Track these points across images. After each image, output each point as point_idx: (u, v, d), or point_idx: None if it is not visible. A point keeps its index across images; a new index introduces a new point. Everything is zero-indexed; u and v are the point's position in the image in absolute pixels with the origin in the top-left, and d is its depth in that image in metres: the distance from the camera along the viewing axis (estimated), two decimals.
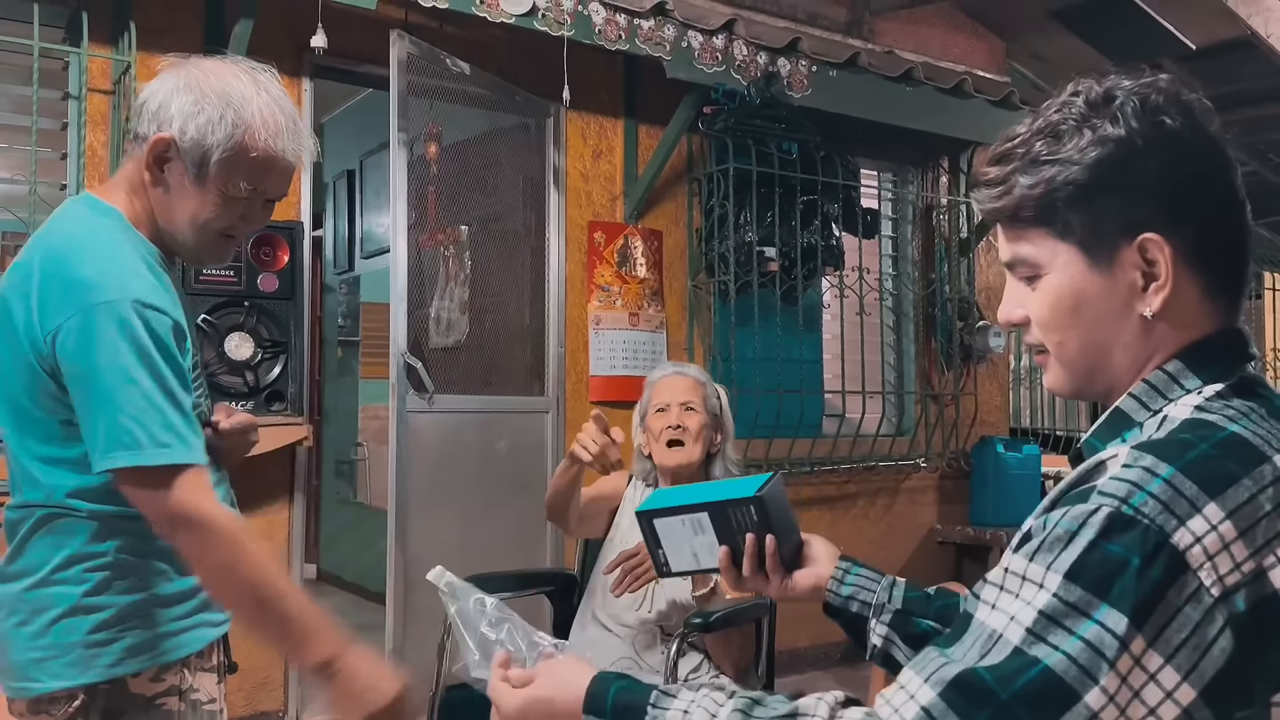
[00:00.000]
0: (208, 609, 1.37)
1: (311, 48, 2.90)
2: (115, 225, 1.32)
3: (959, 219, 4.74)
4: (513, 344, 3.70)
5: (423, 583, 3.41)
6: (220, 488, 1.46)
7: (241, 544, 1.26)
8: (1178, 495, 0.75)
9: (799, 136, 3.95)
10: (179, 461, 1.23)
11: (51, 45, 2.86)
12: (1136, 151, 0.83)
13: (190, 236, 1.35)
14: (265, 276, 3.07)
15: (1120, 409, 0.88)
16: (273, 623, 1.28)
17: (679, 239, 4.02)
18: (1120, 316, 0.86)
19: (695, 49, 3.52)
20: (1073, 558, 0.75)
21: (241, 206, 1.34)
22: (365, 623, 4.75)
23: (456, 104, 3.41)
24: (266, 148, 1.31)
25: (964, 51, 4.60)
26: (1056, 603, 0.75)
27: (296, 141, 1.35)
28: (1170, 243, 0.83)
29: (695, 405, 2.29)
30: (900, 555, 4.58)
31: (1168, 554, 0.74)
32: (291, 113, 1.35)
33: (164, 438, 1.23)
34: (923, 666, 0.79)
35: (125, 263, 1.28)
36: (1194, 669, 0.73)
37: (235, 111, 1.30)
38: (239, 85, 1.31)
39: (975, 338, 4.66)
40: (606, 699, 0.90)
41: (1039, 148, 0.87)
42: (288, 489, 3.24)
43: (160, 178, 1.32)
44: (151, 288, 1.27)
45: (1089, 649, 0.73)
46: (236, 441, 1.48)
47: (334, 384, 6.03)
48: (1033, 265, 0.89)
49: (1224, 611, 0.74)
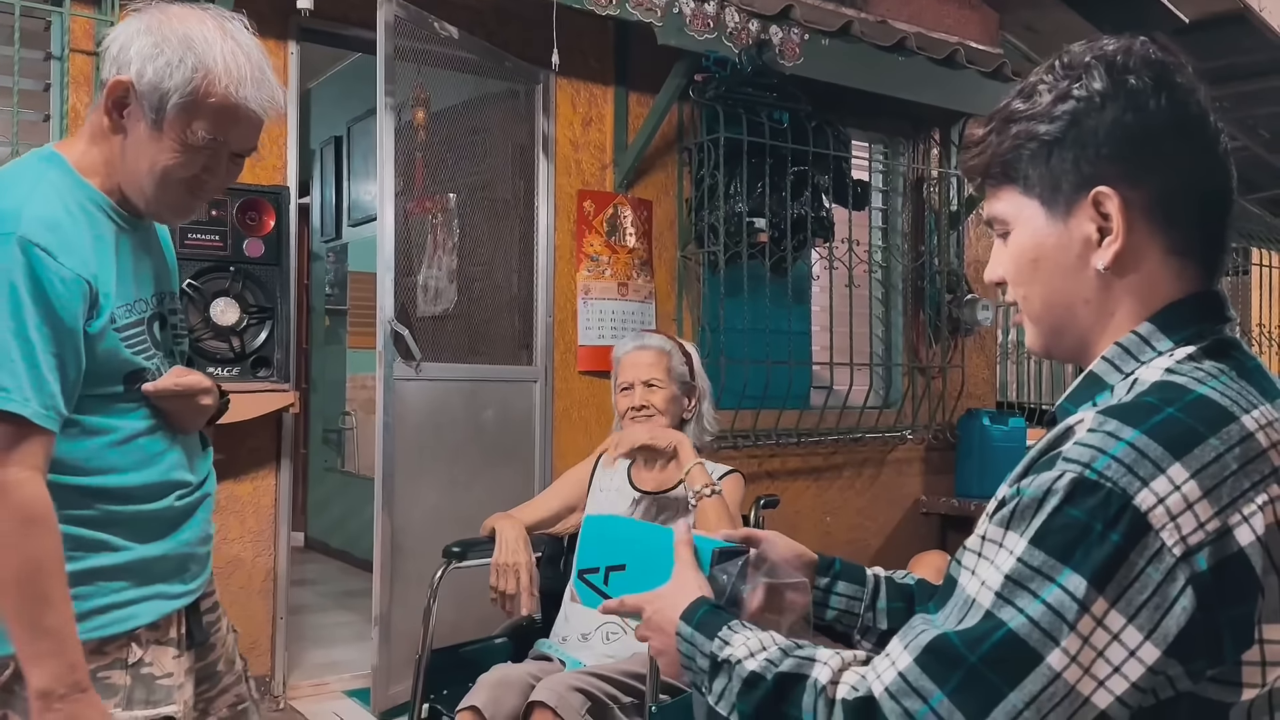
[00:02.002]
0: (164, 581, 1.33)
1: (298, 9, 2.86)
2: (47, 168, 1.27)
3: (949, 192, 4.73)
4: (501, 313, 3.69)
5: (409, 549, 3.44)
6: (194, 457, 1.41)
7: (24, 525, 1.17)
8: (1141, 457, 0.76)
9: (790, 106, 3.93)
10: (6, 409, 1.15)
11: (33, 4, 2.82)
12: (1095, 108, 0.85)
13: (150, 187, 1.28)
14: (251, 241, 3.05)
15: (1093, 372, 0.89)
16: (23, 622, 1.18)
17: (669, 209, 4.01)
18: (1077, 271, 0.88)
19: (686, 15, 3.49)
20: (1038, 524, 0.77)
21: (203, 157, 1.28)
22: (352, 589, 4.78)
23: (445, 69, 3.37)
24: (226, 94, 1.25)
25: (957, 22, 4.57)
26: (1022, 567, 0.77)
27: (262, 91, 1.28)
28: (1125, 197, 0.84)
29: (658, 380, 2.28)
30: (885, 526, 4.61)
31: (1130, 516, 0.75)
32: (260, 62, 1.29)
33: (3, 380, 1.15)
34: (906, 633, 0.83)
35: (33, 200, 1.21)
36: (1156, 628, 0.75)
37: (196, 55, 1.24)
38: (203, 30, 1.26)
39: (963, 311, 4.67)
40: (697, 612, 0.99)
41: (1014, 106, 0.90)
42: (274, 456, 3.24)
43: (119, 124, 1.27)
44: (45, 229, 1.19)
45: (1050, 612, 0.75)
46: (178, 405, 1.36)
47: (321, 353, 6.01)
48: (1003, 222, 0.92)
49: (1185, 571, 0.75)
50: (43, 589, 1.18)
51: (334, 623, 4.26)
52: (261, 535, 3.22)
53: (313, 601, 4.63)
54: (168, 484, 1.35)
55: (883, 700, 0.80)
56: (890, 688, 0.80)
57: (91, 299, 1.23)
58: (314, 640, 3.92)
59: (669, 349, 2.34)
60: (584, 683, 1.93)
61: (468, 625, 2.46)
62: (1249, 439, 0.78)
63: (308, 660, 3.63)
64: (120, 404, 1.31)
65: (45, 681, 1.18)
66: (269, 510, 3.23)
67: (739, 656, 0.91)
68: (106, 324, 1.26)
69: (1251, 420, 0.80)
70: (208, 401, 1.39)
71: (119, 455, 1.30)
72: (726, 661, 0.92)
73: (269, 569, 3.23)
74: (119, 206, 1.32)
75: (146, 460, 1.33)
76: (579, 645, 2.17)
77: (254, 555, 3.20)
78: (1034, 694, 0.75)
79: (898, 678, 0.79)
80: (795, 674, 0.87)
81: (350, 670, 3.52)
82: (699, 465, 2.12)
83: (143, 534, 1.32)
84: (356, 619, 4.20)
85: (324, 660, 3.67)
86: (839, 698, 0.83)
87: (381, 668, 3.04)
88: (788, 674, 0.87)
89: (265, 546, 3.23)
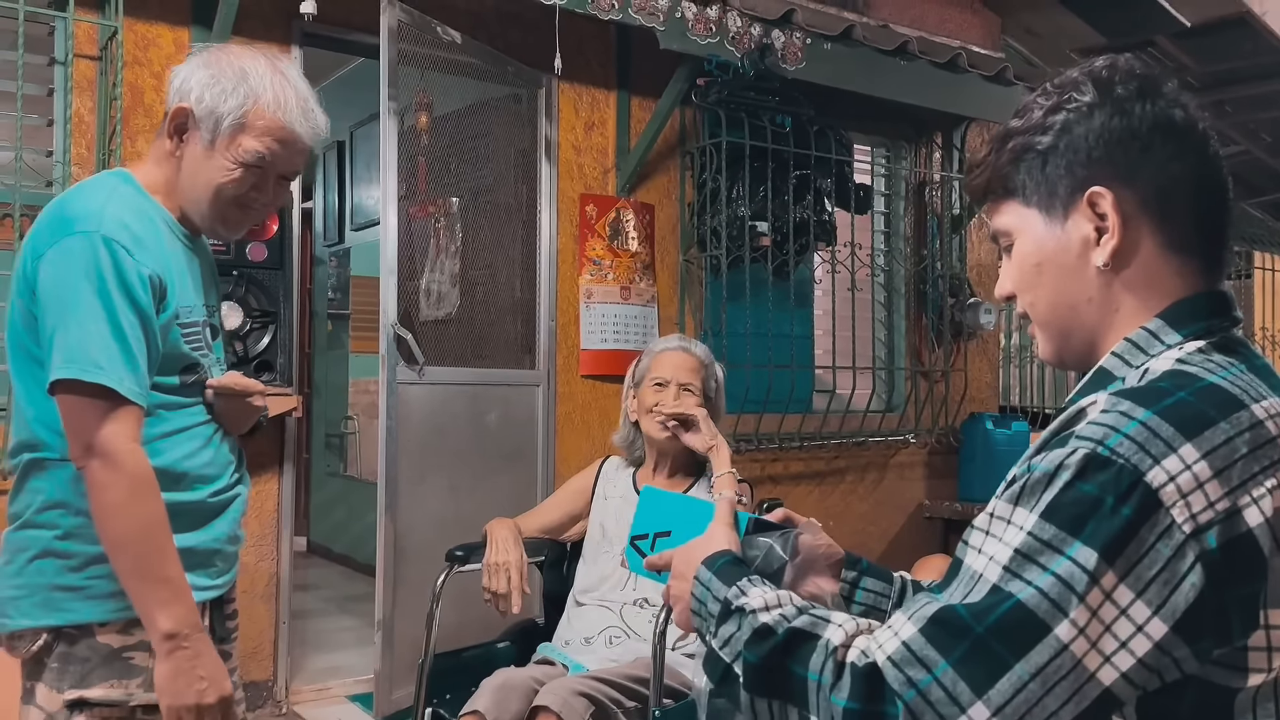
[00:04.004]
0: (192, 571, 1.38)
1: (301, 14, 2.87)
2: (119, 182, 1.42)
3: (951, 195, 4.73)
4: (503, 317, 3.69)
5: (412, 553, 3.43)
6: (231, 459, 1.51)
7: (140, 490, 1.30)
8: (1153, 436, 0.77)
9: (792, 110, 3.93)
10: (107, 384, 1.28)
11: (37, 9, 2.82)
12: (1084, 116, 0.89)
13: (205, 203, 1.43)
14: (254, 246, 3.05)
15: (1103, 367, 0.91)
16: (144, 576, 1.30)
17: (671, 213, 4.01)
18: (1078, 271, 0.90)
19: (689, 20, 3.49)
20: (1049, 498, 0.78)
21: (253, 176, 1.42)
22: (353, 594, 4.78)
23: (448, 74, 3.38)
24: (274, 118, 1.41)
25: (959, 26, 4.57)
26: (1031, 541, 0.78)
27: (306, 119, 1.44)
28: (1119, 195, 0.88)
29: (694, 387, 2.29)
30: (888, 530, 4.60)
31: (1141, 492, 0.76)
32: (306, 94, 1.45)
33: (101, 360, 1.28)
34: (910, 607, 0.83)
35: (110, 205, 1.35)
36: (1164, 603, 0.75)
37: (248, 85, 1.40)
38: (255, 65, 1.42)
39: (966, 314, 4.67)
40: (719, 561, 1.00)
41: (1010, 125, 0.94)
42: (277, 459, 3.24)
43: (179, 146, 1.42)
44: (124, 229, 1.33)
45: (1060, 583, 0.76)
46: (232, 405, 1.50)
47: (323, 357, 6.02)
48: (1006, 234, 0.96)
49: (1195, 548, 0.75)
50: (160, 542, 1.31)
51: (336, 628, 4.26)
52: (264, 539, 3.21)
53: (315, 606, 4.63)
54: (206, 478, 1.45)
55: (886, 669, 0.79)
56: (894, 656, 0.79)
57: (160, 293, 1.37)
58: (316, 645, 3.92)
59: (708, 361, 2.36)
60: (588, 687, 1.93)
61: (470, 629, 2.45)
62: (1259, 426, 0.80)
63: (310, 665, 3.63)
64: (175, 396, 1.41)
65: (171, 624, 1.30)
66: (272, 514, 3.23)
67: (754, 607, 0.91)
68: (172, 318, 1.40)
69: (1261, 409, 0.81)
70: (259, 404, 1.53)
71: (167, 445, 1.39)
72: (740, 609, 0.91)
73: (272, 573, 3.23)
74: (180, 223, 1.46)
75: (190, 454, 1.42)
76: (582, 649, 2.16)
77: (257, 560, 3.19)
78: (1040, 665, 0.75)
79: (901, 647, 0.79)
80: (808, 632, 0.86)
81: (352, 675, 3.52)
82: (730, 474, 2.13)
83: (177, 524, 1.38)
84: (358, 624, 4.20)
85: (326, 665, 3.67)
86: (849, 661, 0.82)
87: (384, 672, 3.03)
88: (801, 630, 0.87)
89: (268, 551, 3.22)
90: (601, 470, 2.40)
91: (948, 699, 0.76)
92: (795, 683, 0.84)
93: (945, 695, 0.76)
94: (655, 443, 2.29)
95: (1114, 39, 4.47)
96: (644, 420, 2.28)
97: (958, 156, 4.71)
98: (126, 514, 1.29)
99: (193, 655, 1.31)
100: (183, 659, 1.30)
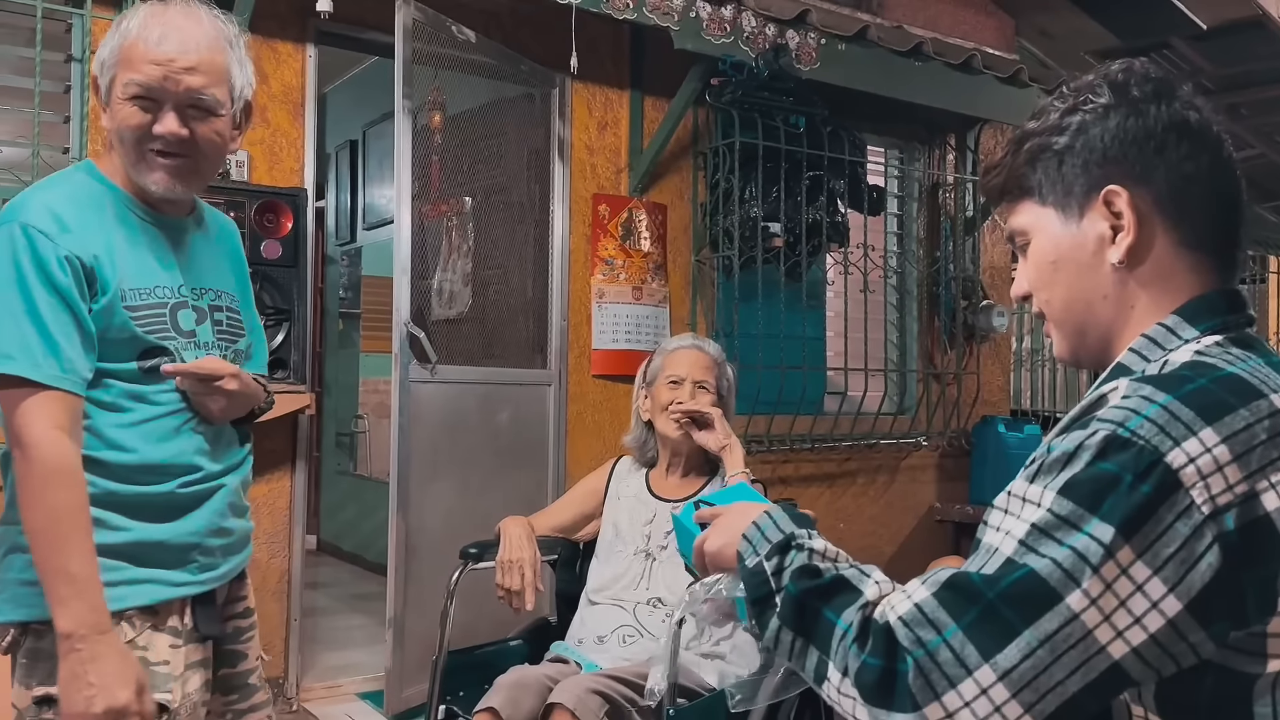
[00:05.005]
0: (164, 566, 1.36)
1: (316, 13, 2.87)
2: (75, 172, 1.42)
3: (965, 197, 4.72)
4: (515, 316, 3.69)
5: (423, 551, 3.42)
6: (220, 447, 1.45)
7: (50, 480, 1.26)
8: (1174, 419, 0.79)
9: (806, 110, 3.92)
10: (16, 373, 1.25)
11: (54, 6, 2.83)
12: (1100, 117, 0.91)
13: (126, 159, 1.38)
14: (269, 243, 3.06)
15: (1121, 363, 0.92)
16: (46, 569, 1.26)
17: (683, 213, 4.00)
18: (1094, 268, 0.92)
19: (703, 20, 3.49)
20: (1067, 476, 0.80)
21: (143, 108, 1.35)
22: (364, 592, 4.78)
23: (461, 73, 3.38)
24: (140, 46, 1.34)
25: (973, 27, 4.55)
26: (1049, 516, 0.79)
27: (164, 25, 1.35)
28: (1134, 193, 0.89)
29: (709, 385, 2.28)
30: (899, 533, 4.59)
31: (1161, 472, 0.77)
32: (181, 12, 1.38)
33: (12, 349, 1.26)
34: (925, 575, 0.85)
35: (43, 194, 1.34)
36: (1180, 581, 0.76)
37: (119, 28, 1.37)
38: (137, 9, 1.38)
39: (978, 317, 4.66)
40: (790, 509, 1.01)
41: (1027, 128, 0.96)
42: (290, 458, 3.24)
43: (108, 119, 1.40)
44: (46, 215, 1.30)
45: (1075, 555, 0.77)
46: (198, 389, 1.40)
47: (335, 356, 6.02)
48: (1023, 233, 0.97)
49: (1213, 529, 0.76)
50: (64, 535, 1.25)
51: (347, 625, 4.26)
52: (276, 537, 3.22)
53: (326, 604, 4.63)
54: (175, 469, 1.39)
55: (897, 628, 0.80)
56: (905, 616, 0.81)
57: (88, 277, 1.32)
58: (327, 643, 3.92)
59: (721, 360, 2.35)
60: (602, 685, 1.92)
61: (483, 627, 2.45)
62: (1277, 414, 0.81)
63: (321, 662, 3.63)
64: (136, 385, 1.36)
65: (67, 623, 1.24)
66: (284, 512, 3.23)
67: (817, 549, 0.93)
68: (113, 300, 1.33)
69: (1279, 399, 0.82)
70: (230, 387, 1.42)
71: (130, 435, 1.35)
72: (802, 546, 0.93)
73: (283, 571, 3.23)
74: (145, 204, 1.42)
75: (157, 443, 1.37)
76: (595, 648, 2.16)
77: (269, 557, 3.20)
78: (1049, 633, 0.76)
79: (914, 608, 0.80)
80: (851, 582, 0.88)
81: (363, 673, 3.52)
82: (745, 474, 2.13)
83: (142, 516, 1.35)
84: (369, 622, 4.20)
85: (337, 663, 3.67)
86: (873, 617, 0.83)
87: (395, 670, 3.03)
88: (844, 579, 0.88)
89: (280, 548, 3.23)
90: (614, 471, 2.40)
91: (955, 661, 0.77)
92: (823, 626, 0.86)
93: (953, 657, 0.77)
94: (669, 442, 2.28)
95: (1129, 41, 4.45)
96: (658, 418, 2.28)
97: (971, 158, 4.70)
98: (35, 504, 1.26)
99: (87, 659, 1.23)
100: (75, 662, 1.23)
